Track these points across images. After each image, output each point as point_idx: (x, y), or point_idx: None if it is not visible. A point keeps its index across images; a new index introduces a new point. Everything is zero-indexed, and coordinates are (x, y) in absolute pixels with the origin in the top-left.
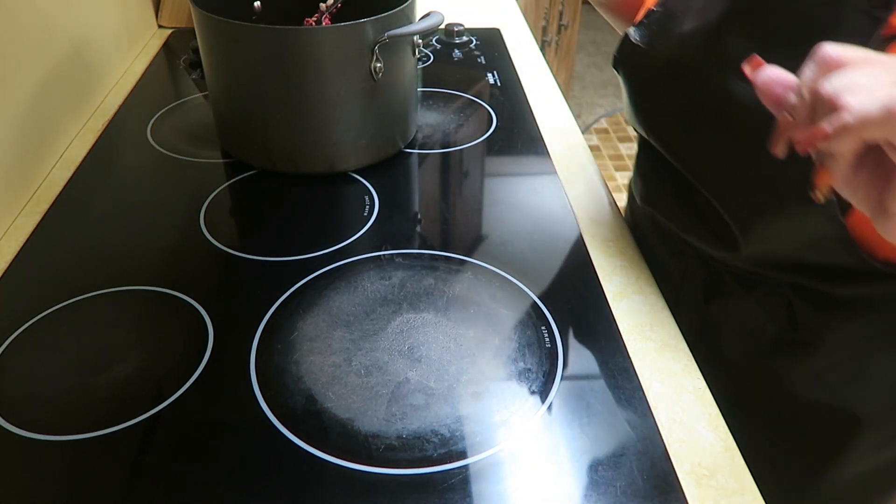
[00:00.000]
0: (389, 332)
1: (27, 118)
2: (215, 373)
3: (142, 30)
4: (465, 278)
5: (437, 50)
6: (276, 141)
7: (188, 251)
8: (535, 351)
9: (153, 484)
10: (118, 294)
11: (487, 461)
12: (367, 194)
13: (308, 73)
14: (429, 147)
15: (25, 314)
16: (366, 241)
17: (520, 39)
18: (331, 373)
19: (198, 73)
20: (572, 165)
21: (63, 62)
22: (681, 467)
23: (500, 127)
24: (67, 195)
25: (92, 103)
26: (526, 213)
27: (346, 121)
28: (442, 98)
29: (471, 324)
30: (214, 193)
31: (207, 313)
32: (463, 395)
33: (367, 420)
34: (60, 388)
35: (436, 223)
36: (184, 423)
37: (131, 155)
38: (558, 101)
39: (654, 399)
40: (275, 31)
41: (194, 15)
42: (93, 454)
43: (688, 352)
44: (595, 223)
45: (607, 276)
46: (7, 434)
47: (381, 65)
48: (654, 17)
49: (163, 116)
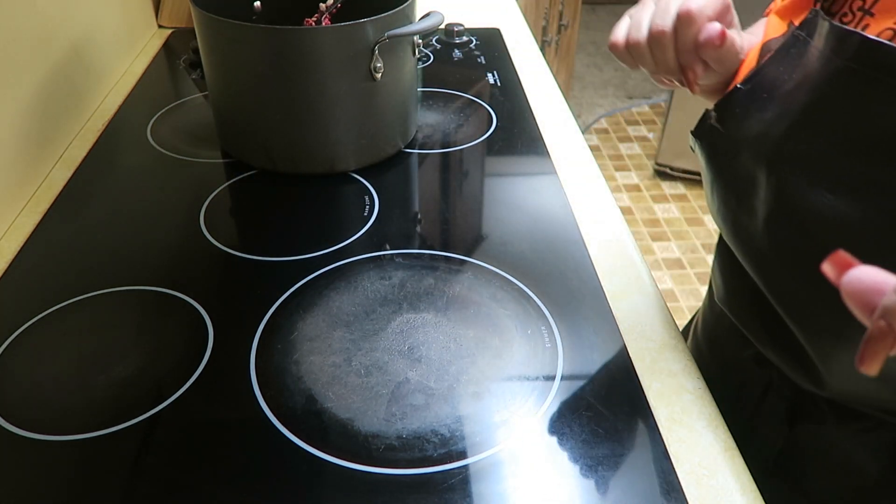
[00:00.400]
0: (389, 332)
1: (27, 118)
2: (215, 373)
3: (142, 30)
4: (465, 278)
5: (437, 50)
6: (276, 141)
7: (188, 251)
8: (534, 351)
9: (153, 484)
10: (118, 294)
11: (487, 461)
12: (367, 194)
13: (308, 73)
14: (429, 147)
15: (25, 314)
16: (366, 241)
17: (520, 39)
18: (331, 373)
19: (198, 73)
20: (572, 165)
21: (63, 62)
22: (681, 467)
23: (500, 127)
24: (67, 195)
25: (92, 103)
26: (526, 213)
27: (346, 121)
28: (442, 98)
29: (471, 324)
30: (214, 193)
31: (207, 313)
32: (463, 395)
33: (367, 420)
34: (60, 388)
35: (436, 223)
36: (184, 423)
37: (131, 155)
38: (558, 101)
39: (654, 399)
40: (275, 31)
41: (194, 15)
42: (93, 454)
43: (687, 352)
44: (595, 223)
45: (607, 276)
46: (7, 434)
47: (381, 65)
48: (737, 98)
49: (163, 116)
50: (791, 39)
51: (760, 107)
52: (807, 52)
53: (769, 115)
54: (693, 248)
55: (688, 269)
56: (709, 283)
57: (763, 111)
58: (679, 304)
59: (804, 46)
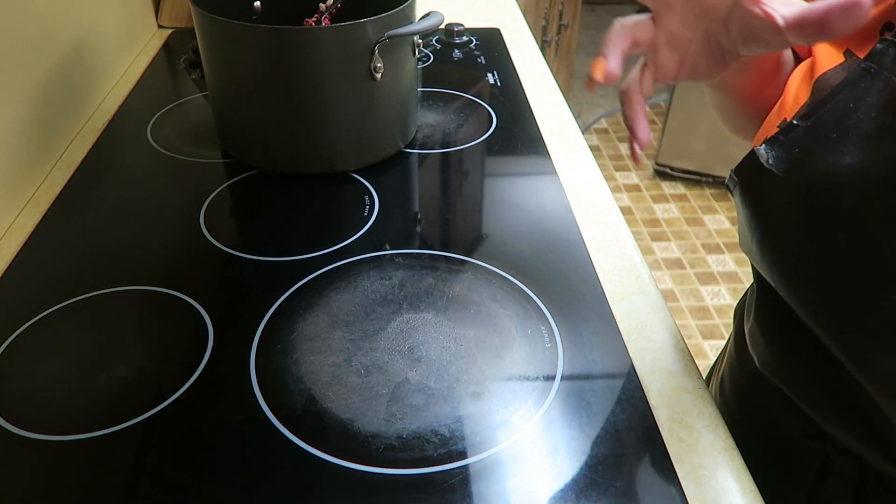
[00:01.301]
0: (389, 332)
1: (27, 118)
2: (215, 373)
3: (142, 30)
4: (465, 278)
5: (437, 50)
6: (276, 141)
7: (188, 251)
8: (534, 351)
9: (153, 484)
10: (118, 294)
11: (487, 461)
12: (367, 194)
13: (308, 73)
14: (429, 147)
15: (25, 314)
16: (366, 241)
17: (520, 39)
18: (331, 373)
19: (198, 73)
20: (572, 165)
21: (63, 62)
22: (681, 467)
23: (500, 127)
24: (67, 195)
25: (92, 103)
26: (526, 213)
27: (346, 121)
28: (442, 98)
29: (471, 324)
30: (214, 193)
31: (207, 313)
32: (463, 395)
33: (367, 420)
34: (60, 388)
35: (436, 223)
36: (184, 423)
37: (131, 155)
38: (558, 101)
39: (654, 399)
40: (275, 31)
41: (194, 15)
42: (93, 454)
43: (688, 352)
44: (595, 223)
45: (607, 276)
46: (7, 434)
47: (381, 65)
48: (796, 136)
49: (163, 116)
50: (859, 73)
51: (830, 149)
52: (883, 86)
53: (848, 161)
54: (693, 248)
55: (688, 269)
56: (730, 336)
57: (834, 154)
58: (679, 304)
59: (876, 79)
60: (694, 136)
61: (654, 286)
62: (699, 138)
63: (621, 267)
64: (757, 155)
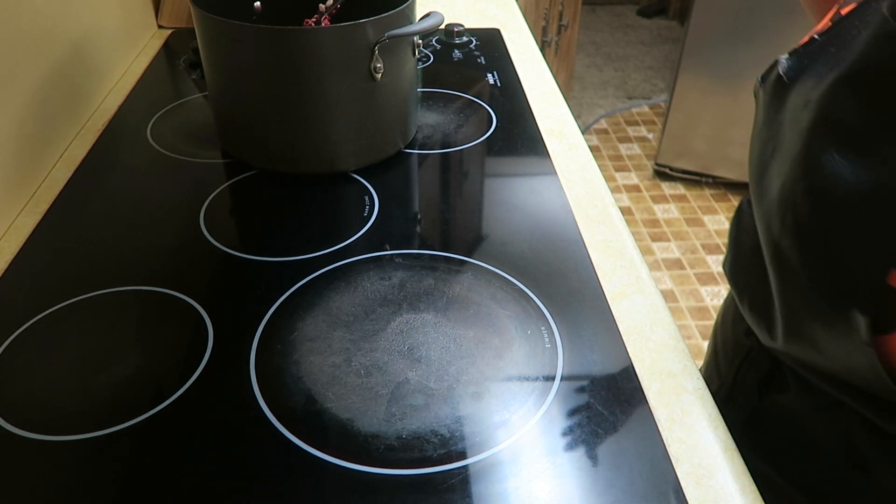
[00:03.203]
0: (389, 333)
1: (27, 118)
2: (215, 373)
3: (142, 30)
4: (465, 278)
5: (437, 50)
6: (276, 141)
7: (188, 251)
8: (534, 351)
9: (153, 484)
10: (118, 294)
11: (487, 461)
12: (367, 194)
13: (308, 73)
14: (429, 147)
15: (25, 314)
16: (366, 241)
17: (520, 40)
18: (331, 373)
19: (198, 73)
20: (572, 165)
21: (63, 62)
22: (681, 467)
23: (500, 127)
24: (67, 195)
25: (92, 103)
26: (526, 213)
27: (346, 121)
28: (442, 98)
29: (471, 324)
30: (214, 193)
31: (207, 313)
32: (463, 396)
33: (367, 420)
34: (60, 388)
35: (436, 223)
36: (184, 423)
37: (131, 155)
38: (558, 102)
39: (654, 399)
40: (275, 31)
41: (194, 15)
42: (93, 454)
43: (687, 352)
44: (595, 223)
45: (607, 277)
46: (7, 434)
47: (381, 65)
48: (811, 49)
49: (163, 116)
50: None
51: (825, 61)
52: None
53: (825, 74)
54: (693, 248)
55: (687, 269)
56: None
57: (827, 67)
58: (679, 305)
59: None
60: (694, 137)
61: (653, 286)
62: (699, 139)
63: (621, 267)
64: (777, 62)
